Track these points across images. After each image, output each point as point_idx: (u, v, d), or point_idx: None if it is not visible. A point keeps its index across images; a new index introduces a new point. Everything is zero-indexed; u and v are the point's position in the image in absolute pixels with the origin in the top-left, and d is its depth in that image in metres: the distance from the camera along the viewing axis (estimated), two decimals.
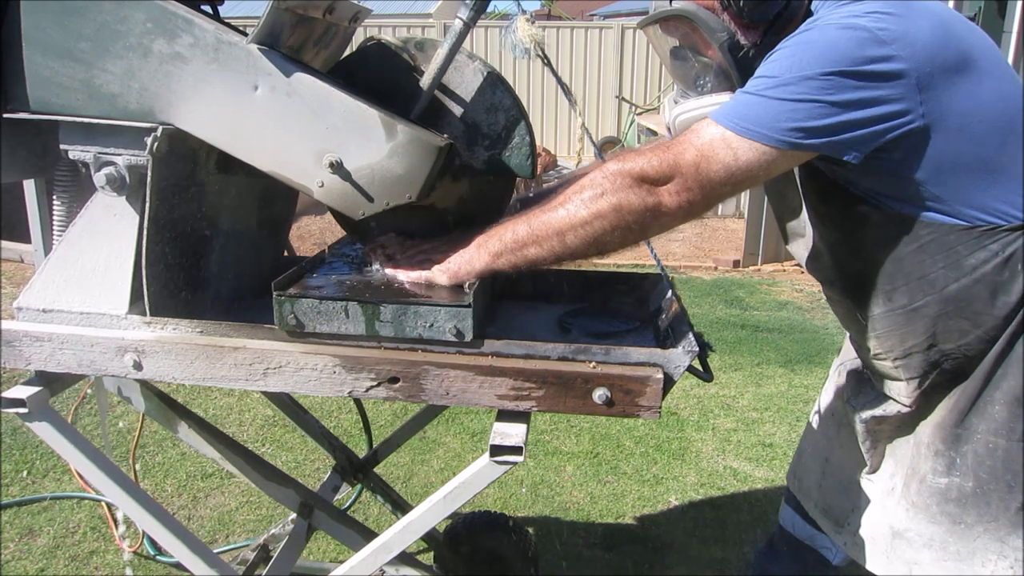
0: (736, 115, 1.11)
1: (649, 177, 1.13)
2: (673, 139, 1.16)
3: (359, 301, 1.16)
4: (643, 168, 1.13)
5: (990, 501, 1.25)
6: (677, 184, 1.12)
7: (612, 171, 1.14)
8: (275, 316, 1.18)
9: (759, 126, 1.09)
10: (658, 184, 1.13)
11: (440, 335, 1.15)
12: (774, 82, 1.10)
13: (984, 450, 1.24)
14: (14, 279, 4.66)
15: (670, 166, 1.12)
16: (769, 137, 1.09)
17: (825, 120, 1.08)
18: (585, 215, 1.14)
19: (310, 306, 1.17)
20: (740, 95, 1.13)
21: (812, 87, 1.07)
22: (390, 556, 1.30)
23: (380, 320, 1.16)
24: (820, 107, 1.07)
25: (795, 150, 1.10)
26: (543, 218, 1.18)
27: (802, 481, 1.68)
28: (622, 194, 1.12)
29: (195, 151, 1.28)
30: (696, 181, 1.12)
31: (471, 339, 1.15)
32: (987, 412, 1.24)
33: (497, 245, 1.21)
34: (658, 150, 1.14)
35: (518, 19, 1.23)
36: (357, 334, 1.17)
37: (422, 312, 1.15)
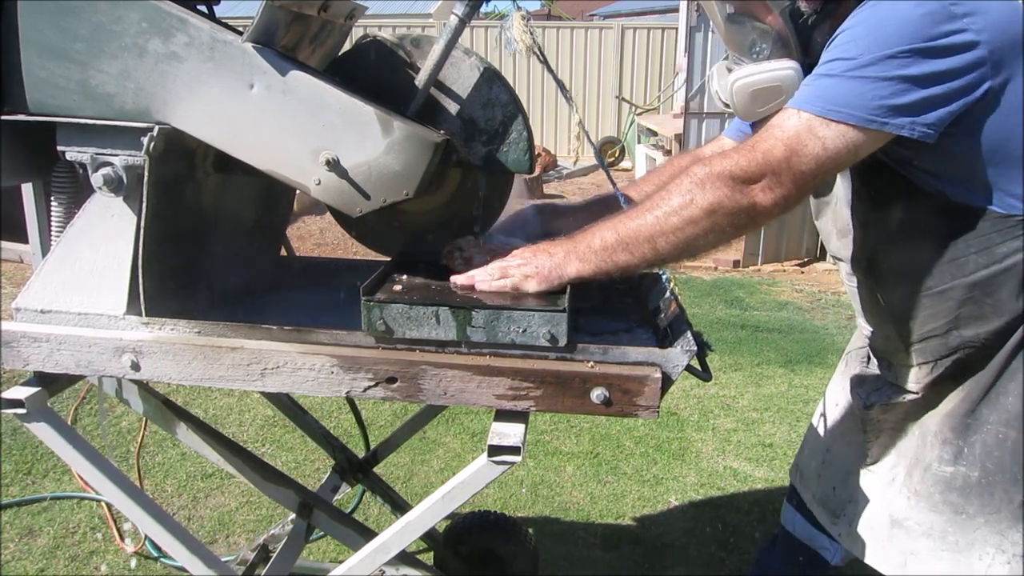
0: (820, 100, 1.10)
1: (739, 178, 1.12)
2: (756, 136, 1.15)
3: (451, 306, 1.13)
4: (732, 170, 1.12)
5: (994, 492, 1.24)
6: (769, 181, 1.11)
7: (700, 176, 1.13)
8: (363, 321, 1.15)
9: (846, 107, 1.08)
10: (749, 184, 1.12)
11: (534, 340, 1.13)
12: (854, 63, 1.08)
13: (994, 441, 1.24)
14: (14, 279, 4.66)
15: (760, 165, 1.11)
16: (858, 118, 1.08)
17: (909, 97, 1.07)
18: (676, 221, 1.14)
19: (400, 311, 1.14)
20: (819, 79, 1.12)
21: (893, 65, 1.06)
22: (389, 556, 1.30)
23: (472, 325, 1.13)
24: (904, 84, 1.06)
25: (882, 130, 1.08)
26: (631, 224, 1.17)
27: (803, 472, 1.68)
28: (714, 198, 1.12)
29: (192, 151, 1.28)
30: (788, 176, 1.11)
31: (565, 344, 1.13)
32: (1000, 403, 1.23)
33: (586, 251, 1.19)
34: (744, 150, 1.13)
35: (514, 16, 1.22)
36: (448, 339, 1.15)
37: (516, 317, 1.12)
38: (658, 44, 10.59)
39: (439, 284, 1.26)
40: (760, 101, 1.25)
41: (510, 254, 1.27)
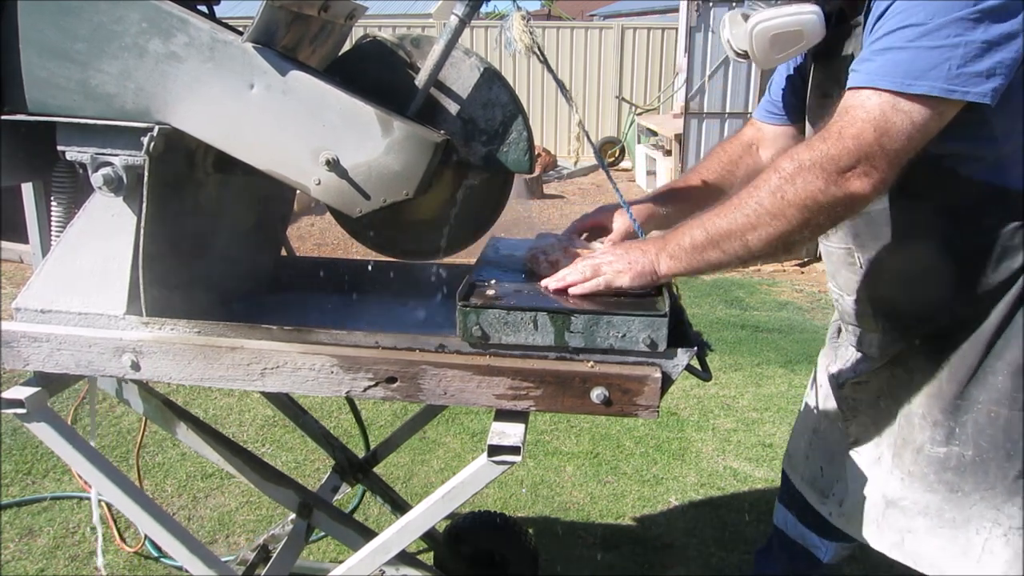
0: (898, 75, 1.05)
1: (831, 168, 1.07)
2: (836, 120, 1.10)
3: (549, 311, 1.12)
4: (822, 161, 1.08)
5: (988, 469, 1.26)
6: (864, 167, 1.07)
7: (790, 170, 1.10)
8: (458, 328, 1.13)
9: (926, 79, 1.04)
10: (843, 172, 1.07)
11: (632, 345, 1.11)
12: (923, 29, 1.04)
13: (985, 419, 1.25)
14: (14, 279, 4.66)
15: (852, 152, 1.07)
16: (941, 88, 1.04)
17: (984, 62, 1.04)
18: (767, 218, 1.11)
19: (497, 317, 1.12)
20: (889, 51, 1.07)
21: (964, 27, 1.03)
22: (389, 556, 1.30)
23: (571, 331, 1.11)
24: (977, 47, 1.03)
25: (964, 99, 1.05)
26: (719, 222, 1.14)
27: (792, 456, 1.70)
28: (806, 192, 1.08)
29: (192, 151, 1.28)
30: (883, 158, 1.07)
31: (664, 350, 1.11)
32: (988, 382, 1.25)
33: (676, 249, 1.17)
34: (831, 138, 1.09)
35: (514, 16, 1.22)
36: (545, 345, 1.13)
37: (615, 322, 1.10)
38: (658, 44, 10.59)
39: (531, 288, 1.24)
40: (779, 47, 1.22)
41: (600, 251, 1.26)
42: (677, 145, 7.41)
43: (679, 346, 1.13)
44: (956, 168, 1.19)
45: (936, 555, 1.35)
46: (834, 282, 1.46)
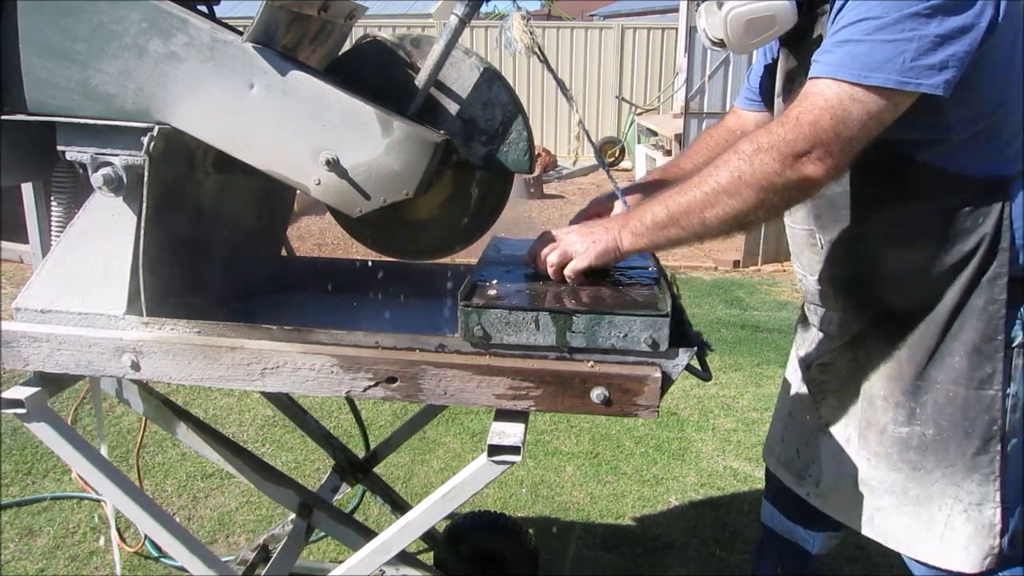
0: (855, 66, 1.09)
1: (788, 152, 1.11)
2: (795, 107, 1.14)
3: (551, 311, 1.12)
4: (779, 144, 1.12)
5: (948, 447, 1.31)
6: (819, 152, 1.11)
7: (748, 151, 1.14)
8: (460, 328, 1.14)
9: (883, 71, 1.08)
10: (798, 157, 1.11)
11: (634, 345, 1.11)
12: (879, 23, 1.08)
13: (944, 399, 1.30)
14: (14, 279, 4.66)
15: (808, 137, 1.10)
16: (895, 80, 1.08)
17: (937, 55, 1.08)
18: (724, 196, 1.15)
19: (499, 317, 1.12)
20: (848, 44, 1.11)
21: (917, 22, 1.07)
22: (389, 556, 1.30)
23: (572, 331, 1.12)
24: (931, 41, 1.07)
25: (917, 90, 1.09)
26: (681, 200, 1.18)
27: (770, 442, 1.73)
28: (763, 174, 1.12)
29: (192, 151, 1.28)
30: (838, 145, 1.11)
31: (666, 349, 1.11)
32: (946, 363, 1.29)
33: (638, 226, 1.21)
34: (788, 123, 1.12)
35: (514, 16, 1.22)
36: (546, 345, 1.13)
37: (617, 322, 1.11)
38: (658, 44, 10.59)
39: (532, 288, 1.24)
40: (754, 32, 1.26)
41: (565, 231, 1.29)
42: (677, 145, 7.41)
43: (679, 346, 1.13)
44: (912, 154, 1.23)
45: (902, 532, 1.39)
46: (799, 263, 1.50)
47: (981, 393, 1.27)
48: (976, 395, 1.28)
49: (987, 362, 1.26)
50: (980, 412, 1.28)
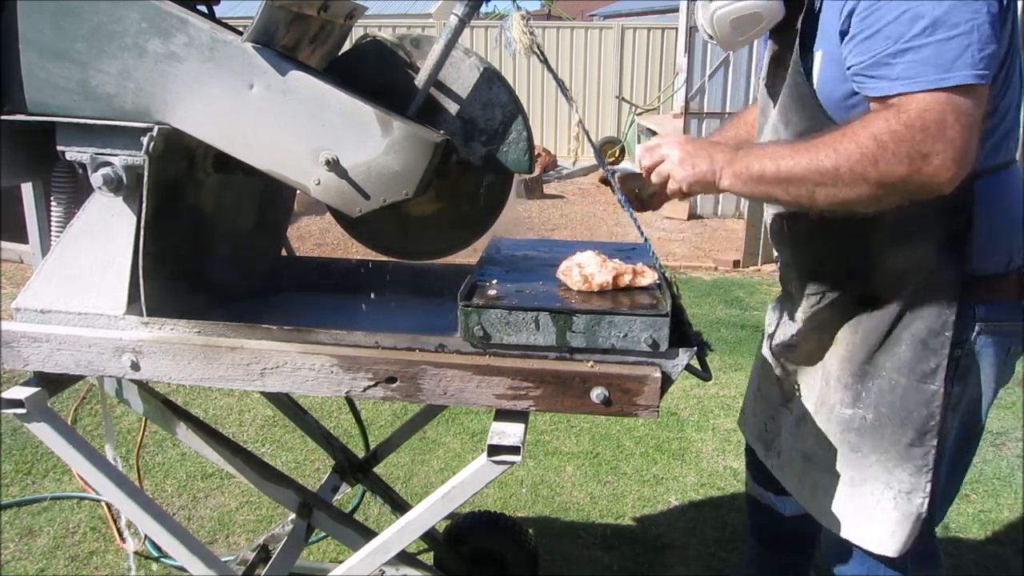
0: (933, 72, 1.06)
1: (916, 155, 1.06)
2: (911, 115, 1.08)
3: (551, 311, 1.12)
4: (909, 150, 1.07)
5: (884, 434, 1.34)
6: (943, 159, 1.06)
7: (886, 140, 1.08)
8: (460, 328, 1.14)
9: (960, 70, 1.05)
10: (926, 158, 1.06)
11: (634, 345, 1.11)
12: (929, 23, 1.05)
13: (887, 386, 1.32)
14: (14, 279, 4.66)
15: (932, 141, 1.06)
16: (976, 75, 1.05)
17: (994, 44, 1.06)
18: (849, 179, 1.10)
19: (499, 317, 1.12)
20: (910, 54, 1.07)
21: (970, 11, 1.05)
22: (389, 556, 1.30)
23: (572, 331, 1.11)
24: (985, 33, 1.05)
25: (989, 81, 1.07)
26: (794, 164, 1.14)
27: (744, 413, 1.81)
28: (901, 172, 1.07)
29: (192, 151, 1.28)
30: (956, 152, 1.06)
31: (666, 349, 1.11)
32: (894, 351, 1.31)
33: (743, 171, 1.18)
34: (913, 128, 1.07)
35: (514, 16, 1.22)
36: (546, 345, 1.13)
37: (617, 322, 1.10)
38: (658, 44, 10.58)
39: (532, 288, 1.24)
40: (740, 30, 1.27)
41: (669, 142, 1.26)
42: None
43: (679, 346, 1.13)
44: None
45: (836, 510, 1.42)
46: (775, 247, 1.55)
47: (922, 386, 1.28)
48: (917, 387, 1.29)
49: (932, 356, 1.27)
50: (919, 405, 1.29)
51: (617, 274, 1.24)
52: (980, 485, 2.70)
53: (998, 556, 2.31)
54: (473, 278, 1.25)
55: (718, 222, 7.32)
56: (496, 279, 1.27)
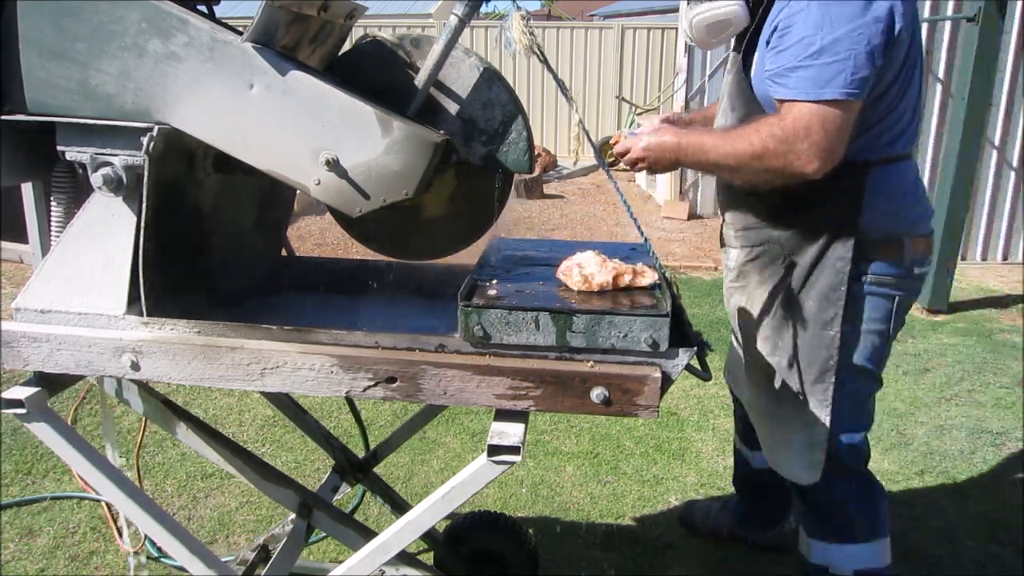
0: (812, 88, 1.38)
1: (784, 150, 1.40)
2: (786, 121, 1.41)
3: (551, 311, 1.12)
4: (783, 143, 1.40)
5: (795, 376, 1.62)
6: (808, 154, 1.39)
7: (773, 145, 1.41)
8: (460, 328, 1.14)
9: (833, 88, 1.37)
10: (792, 153, 1.40)
11: (634, 345, 1.11)
12: (817, 50, 1.37)
13: (797, 335, 1.61)
14: (14, 279, 4.66)
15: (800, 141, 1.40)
16: (845, 93, 1.37)
17: (867, 69, 1.38)
18: (746, 164, 1.45)
19: (499, 317, 1.13)
20: (800, 71, 1.39)
21: (850, 43, 1.36)
22: (389, 556, 1.30)
23: (572, 331, 1.12)
24: (862, 59, 1.37)
25: (860, 99, 1.39)
26: (721, 147, 1.48)
27: (727, 365, 2.09)
28: (772, 162, 1.41)
29: (192, 151, 1.28)
30: (819, 150, 1.39)
31: (666, 349, 1.12)
32: (805, 307, 1.60)
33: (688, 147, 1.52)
34: (788, 134, 1.40)
35: (514, 16, 1.22)
36: (546, 345, 1.13)
37: (617, 322, 1.11)
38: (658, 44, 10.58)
39: (532, 288, 1.24)
40: (713, 33, 1.59)
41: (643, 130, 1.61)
42: None
43: (679, 346, 1.13)
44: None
45: (769, 450, 1.76)
46: (720, 207, 1.84)
47: (824, 332, 1.58)
48: (820, 334, 1.58)
49: (831, 307, 1.56)
50: (821, 348, 1.58)
51: (617, 274, 1.24)
52: (980, 485, 2.70)
53: (998, 556, 2.31)
54: (473, 278, 1.25)
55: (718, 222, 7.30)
56: (496, 279, 1.27)
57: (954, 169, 4.47)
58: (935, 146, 5.53)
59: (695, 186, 7.45)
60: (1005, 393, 3.48)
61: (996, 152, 5.61)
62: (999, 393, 3.47)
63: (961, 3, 5.24)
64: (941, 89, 5.48)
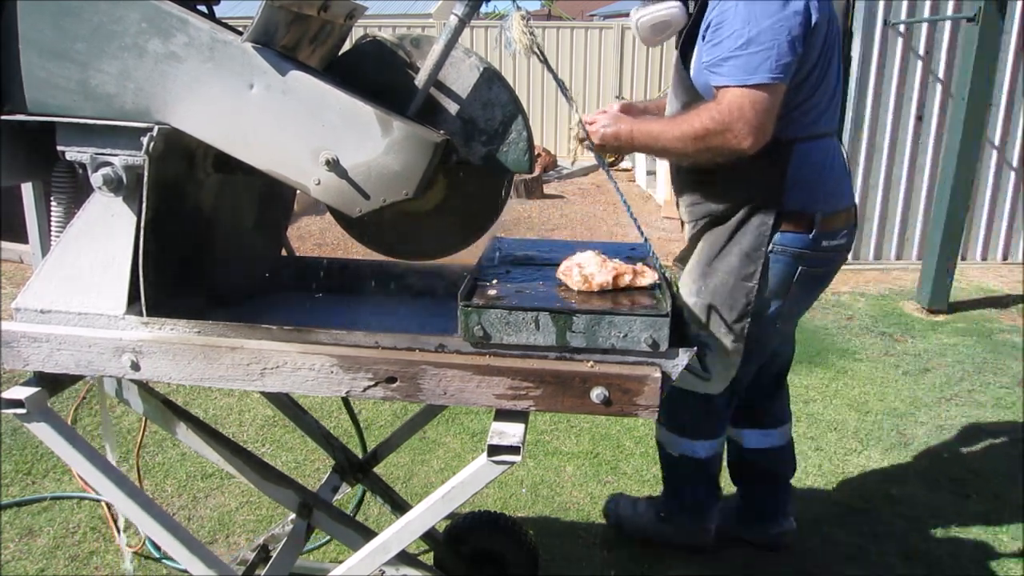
0: (742, 74, 1.60)
1: (721, 129, 1.62)
2: (722, 105, 1.62)
3: (551, 311, 1.12)
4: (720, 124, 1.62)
5: (715, 316, 1.87)
6: (739, 132, 1.60)
7: (711, 126, 1.63)
8: (460, 328, 1.14)
9: (761, 74, 1.58)
10: (727, 133, 1.61)
11: (634, 345, 1.12)
12: (745, 41, 1.58)
13: (720, 283, 1.85)
14: (14, 279, 4.66)
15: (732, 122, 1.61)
16: (771, 77, 1.59)
17: (790, 56, 1.60)
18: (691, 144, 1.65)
19: (499, 317, 1.13)
20: (732, 60, 1.61)
21: (773, 33, 1.58)
22: (389, 556, 1.30)
23: (572, 331, 1.12)
24: (784, 47, 1.59)
25: (784, 82, 1.62)
26: (668, 132, 1.69)
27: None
28: (712, 141, 1.62)
29: (192, 151, 1.28)
30: (751, 128, 1.60)
31: (666, 349, 1.12)
32: (727, 260, 1.84)
33: (640, 135, 1.72)
34: (720, 115, 1.62)
35: (514, 16, 1.22)
36: (546, 345, 1.13)
37: (617, 322, 1.11)
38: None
39: (532, 288, 1.24)
40: (657, 32, 1.85)
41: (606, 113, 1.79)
42: None
43: (679, 346, 1.13)
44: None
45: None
46: (672, 187, 2.04)
47: (744, 283, 1.83)
48: (740, 284, 1.83)
49: (752, 263, 1.81)
50: (740, 295, 1.84)
51: (617, 274, 1.24)
52: (980, 485, 2.70)
53: (998, 556, 2.31)
54: (473, 278, 1.25)
55: None
56: (496, 279, 1.27)
57: (954, 169, 4.47)
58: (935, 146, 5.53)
59: None
60: (1005, 393, 3.48)
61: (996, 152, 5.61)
62: (999, 393, 3.47)
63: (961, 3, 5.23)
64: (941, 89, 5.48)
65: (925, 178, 5.63)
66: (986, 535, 2.41)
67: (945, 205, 4.48)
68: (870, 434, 3.09)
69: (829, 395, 3.47)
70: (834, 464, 2.85)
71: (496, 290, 1.22)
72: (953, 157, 4.48)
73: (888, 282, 5.34)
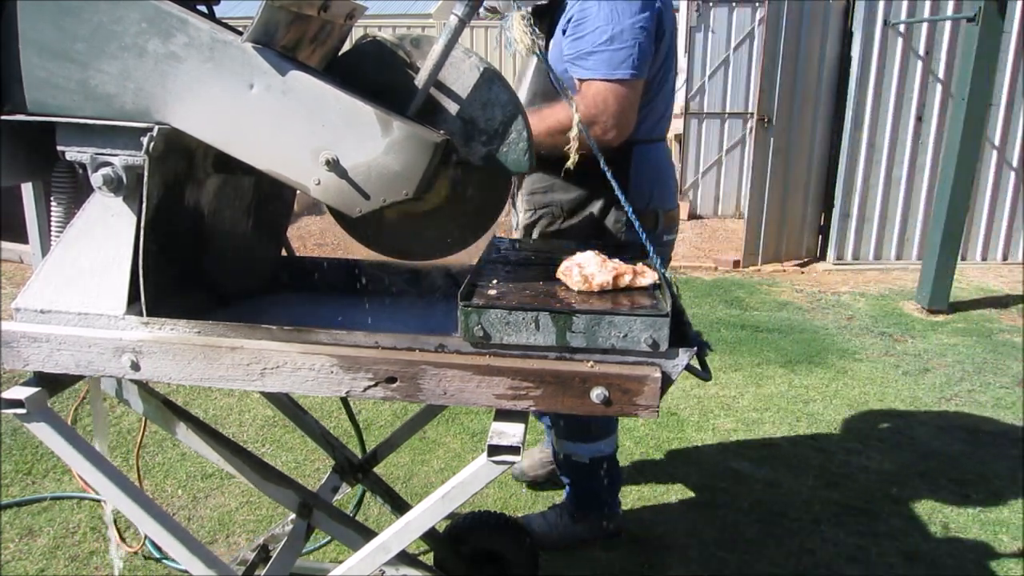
0: (606, 69, 1.71)
1: (586, 121, 1.70)
2: (587, 99, 1.73)
3: (551, 311, 1.12)
4: (585, 116, 1.70)
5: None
6: (604, 126, 1.73)
7: (582, 112, 1.68)
8: (460, 327, 1.14)
9: (623, 69, 1.70)
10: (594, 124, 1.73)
11: (634, 345, 1.11)
12: (608, 38, 1.69)
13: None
14: (14, 279, 4.66)
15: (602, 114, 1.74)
16: (631, 73, 1.71)
17: (649, 54, 1.74)
18: (558, 136, 1.64)
19: (499, 317, 1.13)
20: (595, 55, 1.71)
21: (634, 32, 1.70)
22: (389, 556, 1.30)
23: (572, 331, 1.12)
24: (645, 44, 1.72)
25: (642, 77, 1.75)
26: (539, 125, 1.67)
27: None
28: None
29: (192, 150, 1.28)
30: (614, 120, 1.73)
31: (666, 349, 1.12)
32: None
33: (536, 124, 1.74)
34: (583, 104, 1.72)
35: (514, 16, 1.22)
36: (546, 345, 1.13)
37: (617, 322, 1.11)
38: None
39: (533, 288, 1.24)
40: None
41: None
42: (677, 145, 7.41)
43: (679, 346, 1.13)
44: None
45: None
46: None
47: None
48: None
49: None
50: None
51: (617, 274, 1.24)
52: (980, 485, 2.70)
53: (998, 556, 2.31)
54: (473, 278, 1.25)
55: (718, 222, 7.31)
56: (496, 279, 1.27)
57: (954, 169, 4.47)
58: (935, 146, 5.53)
59: (695, 186, 7.44)
60: (1005, 393, 3.48)
61: (996, 152, 5.62)
62: (999, 393, 3.47)
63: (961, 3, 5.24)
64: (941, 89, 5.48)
65: (925, 178, 5.63)
66: (986, 535, 2.41)
67: (945, 205, 4.49)
68: (870, 434, 3.09)
69: (829, 395, 3.47)
70: (834, 464, 2.85)
71: (496, 290, 1.22)
72: (953, 157, 4.48)
73: (888, 282, 5.34)
